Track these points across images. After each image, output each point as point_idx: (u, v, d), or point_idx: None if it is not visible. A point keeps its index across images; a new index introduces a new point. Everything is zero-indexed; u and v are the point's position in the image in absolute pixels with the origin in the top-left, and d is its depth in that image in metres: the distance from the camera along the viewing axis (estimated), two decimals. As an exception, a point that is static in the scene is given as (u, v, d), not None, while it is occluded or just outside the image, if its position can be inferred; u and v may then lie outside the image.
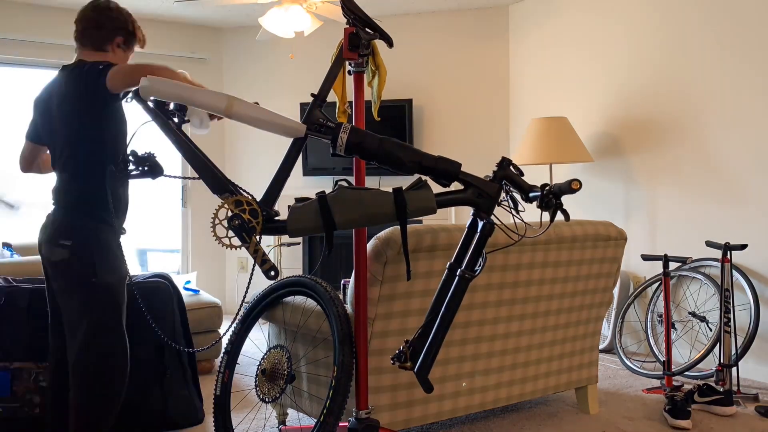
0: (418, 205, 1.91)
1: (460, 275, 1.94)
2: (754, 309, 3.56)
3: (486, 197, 1.94)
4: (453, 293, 1.94)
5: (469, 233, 2.02)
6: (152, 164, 2.05)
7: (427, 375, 1.94)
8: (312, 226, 1.91)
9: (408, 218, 1.92)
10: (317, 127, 1.99)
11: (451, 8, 5.40)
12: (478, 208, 1.96)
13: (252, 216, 1.90)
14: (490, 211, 1.95)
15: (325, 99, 2.08)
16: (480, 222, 1.96)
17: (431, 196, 1.93)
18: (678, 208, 4.13)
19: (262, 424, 2.97)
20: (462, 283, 1.94)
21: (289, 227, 1.92)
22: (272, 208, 1.99)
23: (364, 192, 1.93)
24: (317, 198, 1.92)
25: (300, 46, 5.56)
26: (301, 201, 1.95)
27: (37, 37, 5.13)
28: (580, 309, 3.00)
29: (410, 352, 1.97)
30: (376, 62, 2.31)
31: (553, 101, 5.03)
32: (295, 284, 2.58)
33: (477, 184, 1.95)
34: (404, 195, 1.91)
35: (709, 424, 2.98)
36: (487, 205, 1.94)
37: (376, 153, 1.93)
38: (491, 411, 3.14)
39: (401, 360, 1.99)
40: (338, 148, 1.94)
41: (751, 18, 3.74)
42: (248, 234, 1.88)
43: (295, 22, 3.99)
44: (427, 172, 1.95)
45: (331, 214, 1.90)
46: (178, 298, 3.11)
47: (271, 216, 1.96)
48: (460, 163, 1.96)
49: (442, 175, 1.95)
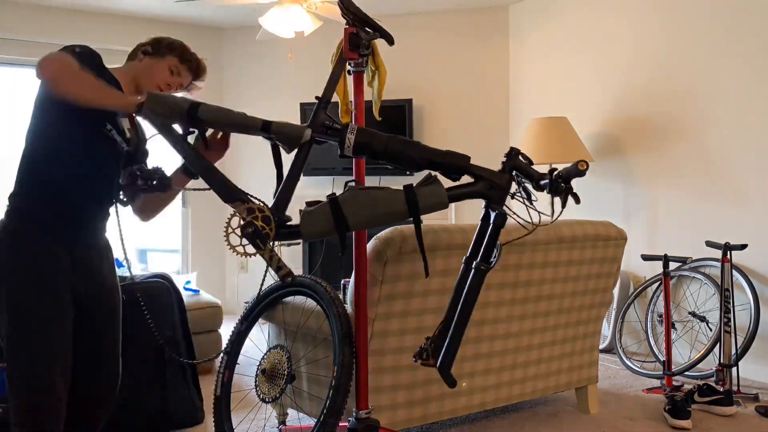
0: (430, 201, 1.91)
1: (476, 267, 1.94)
2: (754, 309, 3.56)
3: (497, 188, 1.93)
4: (470, 286, 1.95)
5: (483, 226, 2.01)
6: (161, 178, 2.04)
7: (449, 370, 1.95)
8: (325, 229, 1.91)
9: (421, 214, 1.92)
10: (324, 129, 1.98)
11: (451, 8, 5.40)
12: (490, 200, 1.95)
13: (265, 223, 1.89)
14: (501, 202, 1.94)
15: (329, 101, 2.08)
16: (492, 213, 1.96)
17: (442, 191, 1.92)
18: (678, 208, 4.13)
19: (262, 424, 2.97)
20: (478, 275, 1.94)
21: (302, 231, 1.92)
22: (284, 213, 1.98)
23: (376, 191, 1.93)
24: (329, 201, 1.92)
25: (300, 46, 5.56)
26: (312, 204, 1.95)
27: (37, 37, 5.13)
28: (580, 309, 3.00)
29: (432, 349, 1.98)
30: (375, 62, 2.30)
31: (553, 101, 5.03)
32: (295, 284, 2.58)
33: (487, 176, 1.94)
34: (415, 192, 1.91)
35: (709, 424, 2.98)
36: (498, 196, 1.93)
37: (384, 152, 1.93)
38: (491, 411, 3.14)
39: (423, 357, 1.99)
40: (346, 150, 1.94)
41: (752, 18, 3.74)
42: (262, 241, 1.88)
43: (295, 22, 4.00)
44: (437, 167, 1.95)
45: (344, 216, 1.90)
46: (178, 298, 3.11)
47: (284, 221, 1.96)
48: (469, 157, 1.95)
49: (451, 169, 1.94)
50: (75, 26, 5.26)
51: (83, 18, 5.29)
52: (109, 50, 2.75)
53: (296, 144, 1.96)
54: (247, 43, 5.85)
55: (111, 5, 5.18)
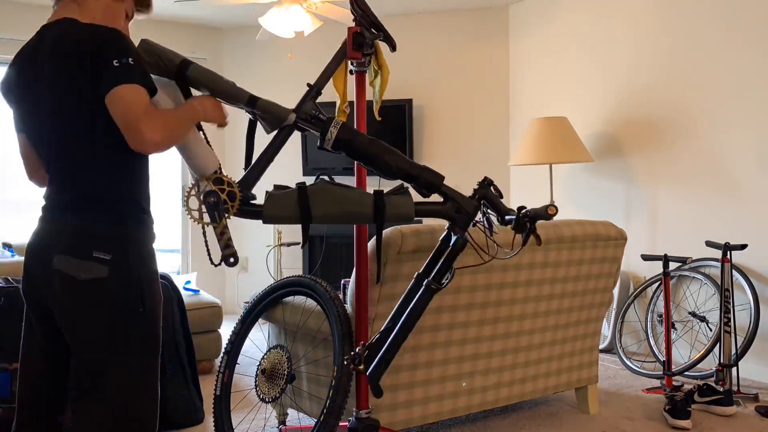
0: (397, 211, 1.92)
1: (426, 285, 1.97)
2: (754, 309, 3.56)
3: (463, 213, 1.96)
4: (416, 303, 1.97)
5: (442, 246, 2.05)
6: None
7: (379, 380, 1.96)
8: (288, 215, 1.89)
9: (385, 221, 1.93)
10: (308, 117, 1.97)
11: (451, 8, 5.40)
12: (454, 223, 1.97)
13: (229, 198, 1.86)
14: (465, 227, 1.97)
15: (320, 91, 2.05)
16: (453, 237, 1.98)
17: (411, 203, 1.94)
18: (678, 208, 4.13)
19: (262, 424, 2.97)
20: (427, 293, 1.97)
21: (264, 213, 1.89)
22: (250, 191, 1.96)
23: (346, 189, 1.93)
24: (297, 188, 1.90)
25: (300, 46, 5.56)
26: (280, 188, 1.93)
27: (37, 37, 5.14)
28: (580, 309, 3.00)
29: (364, 356, 1.99)
30: (378, 62, 2.30)
31: (553, 101, 5.03)
32: (294, 284, 2.59)
33: (457, 199, 1.96)
34: (384, 199, 1.91)
35: (709, 424, 2.98)
36: (463, 221, 1.96)
37: (364, 153, 1.93)
38: (491, 411, 3.14)
39: (356, 363, 2.00)
40: (326, 142, 1.93)
41: (752, 18, 3.74)
42: (219, 214, 1.84)
43: (295, 22, 3.99)
44: (411, 180, 1.95)
45: (309, 206, 1.89)
46: (178, 298, 3.11)
47: (248, 199, 1.92)
48: (443, 176, 1.98)
49: (424, 185, 1.96)
50: (75, 26, 5.25)
51: (83, 18, 5.29)
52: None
53: (278, 125, 1.94)
54: (247, 43, 5.85)
55: (111, 5, 5.18)
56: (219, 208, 1.82)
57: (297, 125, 1.98)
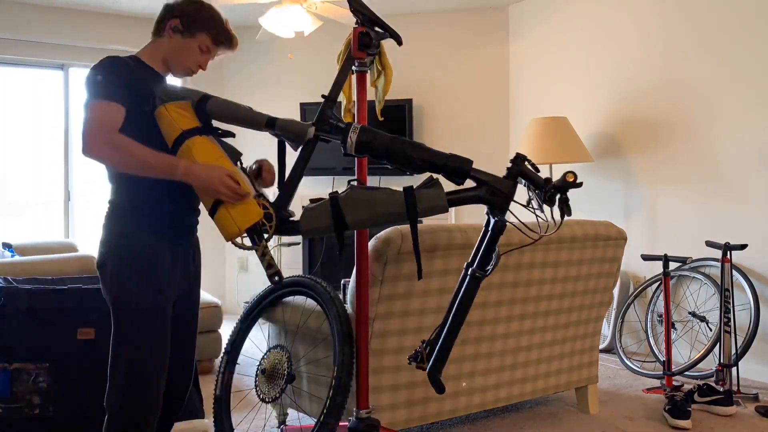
0: (429, 204, 1.89)
1: (470, 274, 1.93)
2: (754, 309, 3.56)
3: (499, 194, 1.89)
4: (464, 292, 1.93)
5: (486, 232, 1.96)
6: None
7: (439, 375, 1.93)
8: (324, 226, 1.92)
9: (419, 217, 1.91)
10: (328, 127, 1.99)
11: (451, 8, 5.40)
12: (492, 206, 1.90)
13: (266, 220, 1.91)
14: (503, 209, 1.90)
15: (335, 100, 2.07)
16: (492, 220, 1.92)
17: (442, 194, 1.89)
18: (678, 208, 4.13)
19: (262, 424, 2.97)
20: (473, 282, 1.92)
21: (302, 228, 1.93)
22: (286, 208, 2.00)
23: (375, 192, 1.93)
24: (329, 198, 1.92)
25: (300, 46, 5.56)
26: (315, 201, 1.95)
27: (37, 37, 5.14)
28: (580, 309, 3.00)
29: (426, 353, 1.96)
30: (382, 62, 2.30)
31: (553, 101, 5.03)
32: (295, 284, 2.58)
33: (490, 182, 1.89)
34: (414, 194, 1.89)
35: (709, 424, 2.98)
36: (500, 203, 1.89)
37: (387, 152, 1.92)
38: (491, 411, 3.14)
39: (418, 360, 1.98)
40: (348, 148, 1.94)
41: (752, 18, 3.74)
42: (259, 237, 1.89)
43: (295, 22, 3.99)
44: (439, 170, 1.91)
45: (343, 214, 1.90)
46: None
47: (286, 217, 1.97)
48: (472, 161, 1.91)
49: (453, 173, 1.90)
50: (75, 26, 5.26)
51: (83, 18, 5.29)
52: (109, 50, 2.75)
53: (301, 141, 1.97)
54: (247, 43, 5.84)
55: (111, 5, 5.18)
56: (258, 231, 1.87)
57: (319, 137, 1.99)
